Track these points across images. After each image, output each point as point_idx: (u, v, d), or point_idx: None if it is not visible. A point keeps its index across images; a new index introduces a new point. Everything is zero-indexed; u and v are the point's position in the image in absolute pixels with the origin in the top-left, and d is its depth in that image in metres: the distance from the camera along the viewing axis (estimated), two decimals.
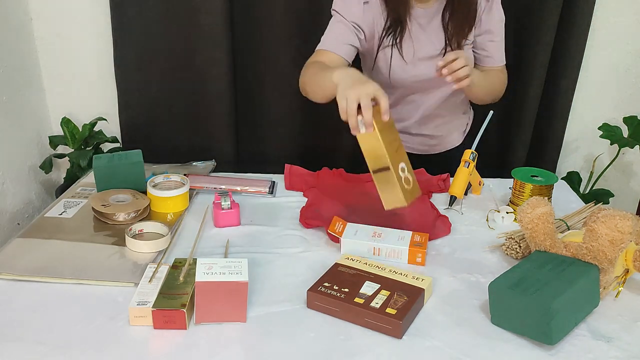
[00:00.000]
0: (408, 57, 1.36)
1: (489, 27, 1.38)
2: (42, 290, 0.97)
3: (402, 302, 0.90)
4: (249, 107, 1.90)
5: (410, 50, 1.36)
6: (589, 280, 0.90)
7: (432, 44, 1.36)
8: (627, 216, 0.89)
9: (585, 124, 2.00)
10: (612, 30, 1.86)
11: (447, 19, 1.34)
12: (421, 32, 1.35)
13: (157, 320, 0.87)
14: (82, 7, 1.82)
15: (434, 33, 1.36)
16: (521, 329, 0.87)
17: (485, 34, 1.40)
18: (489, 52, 1.42)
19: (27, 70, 1.83)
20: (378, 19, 1.34)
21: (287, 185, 1.42)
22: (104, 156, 1.32)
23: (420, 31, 1.35)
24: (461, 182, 1.30)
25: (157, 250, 1.09)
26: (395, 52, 1.36)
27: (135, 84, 1.83)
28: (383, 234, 1.12)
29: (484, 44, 1.41)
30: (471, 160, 1.31)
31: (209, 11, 1.71)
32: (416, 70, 1.38)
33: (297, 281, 1.01)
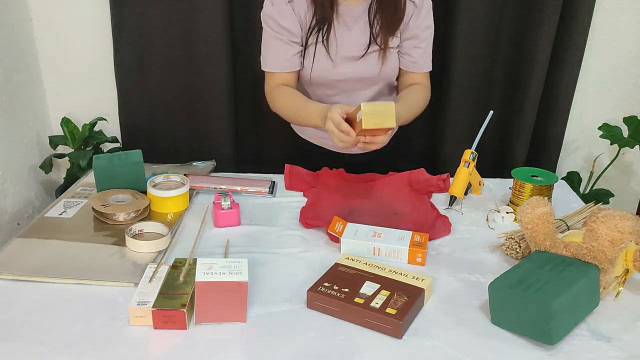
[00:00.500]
0: (332, 55, 1.35)
1: (416, 32, 1.37)
2: (42, 290, 0.97)
3: (402, 302, 0.90)
4: (249, 107, 1.90)
5: (334, 48, 1.34)
6: (589, 280, 0.90)
7: (356, 43, 1.35)
8: (627, 216, 0.89)
9: (585, 124, 2.00)
10: (612, 30, 1.86)
11: (373, 17, 1.33)
12: (346, 31, 1.34)
13: (157, 320, 0.87)
14: (82, 7, 1.82)
15: (359, 31, 1.35)
16: (521, 329, 0.87)
17: (411, 39, 1.38)
18: (414, 58, 1.40)
19: (27, 70, 1.83)
20: (305, 15, 1.33)
21: (287, 185, 1.42)
22: (104, 156, 1.32)
23: (345, 30, 1.34)
24: (461, 182, 1.30)
25: (157, 250, 1.09)
26: (320, 50, 1.34)
27: (135, 84, 1.83)
28: (383, 234, 1.12)
29: (409, 50, 1.40)
30: (471, 160, 1.31)
31: (209, 11, 1.71)
32: (339, 69, 1.36)
33: (297, 281, 1.01)
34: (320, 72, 1.37)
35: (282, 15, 1.32)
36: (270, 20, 1.34)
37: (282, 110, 1.39)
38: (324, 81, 1.39)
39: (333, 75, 1.37)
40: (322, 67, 1.36)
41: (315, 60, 1.35)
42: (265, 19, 1.35)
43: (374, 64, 1.37)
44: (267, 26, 1.36)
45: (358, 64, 1.36)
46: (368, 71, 1.38)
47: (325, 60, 1.36)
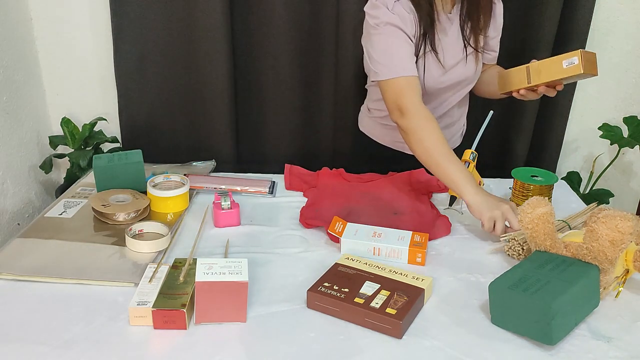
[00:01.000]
0: (443, 62, 1.34)
1: (501, 28, 1.43)
2: (42, 290, 0.97)
3: (402, 302, 0.90)
4: (249, 107, 1.90)
5: (442, 55, 1.34)
6: (589, 280, 0.90)
7: (455, 47, 1.36)
8: (627, 217, 0.89)
9: (585, 124, 2.00)
10: (612, 30, 1.86)
11: (464, 19, 1.35)
12: (445, 37, 1.34)
13: (157, 320, 0.87)
14: (82, 7, 1.82)
15: (454, 37, 1.36)
16: (521, 329, 0.87)
17: (498, 36, 1.44)
18: (497, 51, 1.47)
19: (27, 70, 1.83)
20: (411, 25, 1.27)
21: (287, 185, 1.42)
22: (104, 156, 1.32)
23: (444, 35, 1.34)
24: None
25: (157, 250, 1.09)
26: (430, 59, 1.32)
27: (135, 84, 1.83)
28: (383, 234, 1.12)
29: (494, 45, 1.45)
30: (471, 160, 1.31)
31: (209, 11, 1.71)
32: (448, 75, 1.37)
33: (297, 281, 1.01)
34: (433, 79, 1.34)
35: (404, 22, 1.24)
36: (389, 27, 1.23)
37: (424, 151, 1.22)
38: (435, 89, 1.37)
39: (442, 82, 1.37)
40: (435, 75, 1.34)
41: (427, 69, 1.32)
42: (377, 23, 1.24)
43: (472, 65, 1.39)
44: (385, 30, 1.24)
45: (461, 67, 1.37)
46: (469, 73, 1.39)
47: (436, 69, 1.33)
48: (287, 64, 1.82)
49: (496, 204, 1.14)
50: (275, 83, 1.85)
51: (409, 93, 1.22)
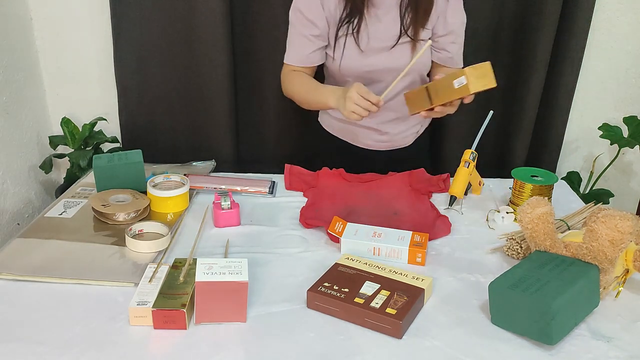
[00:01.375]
0: (362, 46, 1.36)
1: (453, 27, 1.40)
2: (42, 290, 0.97)
3: (402, 302, 0.90)
4: (249, 107, 1.90)
5: (365, 40, 1.36)
6: (589, 280, 0.90)
7: (386, 35, 1.37)
8: (627, 216, 0.89)
9: (585, 124, 2.00)
10: (612, 30, 1.86)
11: (405, 8, 1.35)
12: (377, 22, 1.36)
13: (157, 320, 0.87)
14: (82, 7, 1.81)
15: (390, 23, 1.36)
16: (521, 329, 0.87)
17: (448, 35, 1.41)
18: (451, 53, 1.44)
19: (27, 70, 1.83)
20: (336, 8, 1.35)
21: (287, 185, 1.42)
22: (104, 156, 1.32)
23: (377, 21, 1.36)
24: (461, 182, 1.30)
25: (157, 250, 1.09)
26: (350, 42, 1.36)
27: (135, 84, 1.83)
28: (383, 234, 1.12)
29: (446, 45, 1.42)
30: (471, 160, 1.31)
31: (209, 11, 1.71)
32: (368, 60, 1.38)
33: (297, 281, 1.01)
34: (349, 63, 1.38)
35: (309, 8, 1.35)
36: (297, 13, 1.37)
37: (295, 90, 1.44)
38: (353, 72, 1.40)
39: (363, 66, 1.38)
40: (352, 58, 1.38)
41: (345, 51, 1.37)
42: (293, 11, 1.38)
43: (405, 56, 1.38)
44: (294, 18, 1.39)
45: (388, 55, 1.38)
46: (398, 63, 1.38)
47: (355, 52, 1.37)
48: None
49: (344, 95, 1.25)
50: (276, 83, 1.85)
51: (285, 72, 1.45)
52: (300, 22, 1.37)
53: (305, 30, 1.37)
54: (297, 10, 1.37)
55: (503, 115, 1.91)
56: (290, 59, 1.43)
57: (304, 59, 1.41)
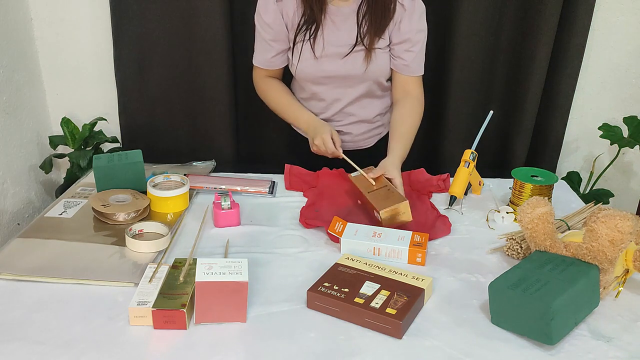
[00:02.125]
0: (317, 53, 1.38)
1: (408, 36, 1.38)
2: (42, 290, 0.97)
3: (402, 302, 0.90)
4: (249, 107, 1.90)
5: (320, 46, 1.38)
6: (589, 280, 0.90)
7: (342, 41, 1.37)
8: (627, 216, 0.89)
9: (585, 124, 2.00)
10: (612, 30, 1.86)
11: (362, 18, 1.36)
12: (334, 29, 1.37)
13: (157, 320, 0.87)
14: (82, 7, 1.82)
15: (346, 31, 1.37)
16: (521, 329, 0.87)
17: (403, 43, 1.39)
18: (407, 61, 1.41)
19: (27, 70, 1.83)
20: (294, 14, 1.37)
21: (287, 185, 1.42)
22: (104, 156, 1.32)
23: (333, 28, 1.37)
24: (461, 182, 1.30)
25: (157, 250, 1.09)
26: (306, 48, 1.38)
27: (135, 84, 1.83)
28: (383, 234, 1.12)
29: (401, 53, 1.41)
30: (471, 160, 1.31)
31: (208, 11, 1.71)
32: (322, 65, 1.39)
33: (297, 281, 1.01)
34: (305, 68, 1.41)
35: (266, 11, 1.37)
36: (258, 17, 1.40)
37: (271, 104, 1.51)
38: (309, 77, 1.43)
39: (318, 72, 1.40)
40: (308, 64, 1.40)
41: (301, 57, 1.39)
42: (256, 15, 1.41)
43: (359, 64, 1.39)
44: (256, 22, 1.42)
45: (342, 62, 1.39)
46: (352, 70, 1.40)
47: (310, 58, 1.39)
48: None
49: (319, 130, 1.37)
50: None
51: (257, 76, 1.51)
52: (261, 26, 1.40)
53: (266, 35, 1.40)
54: (258, 14, 1.40)
55: (503, 115, 1.91)
56: (257, 61, 1.48)
57: (267, 62, 1.45)
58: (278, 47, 1.42)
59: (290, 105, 1.47)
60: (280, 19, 1.37)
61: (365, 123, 1.52)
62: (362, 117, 1.50)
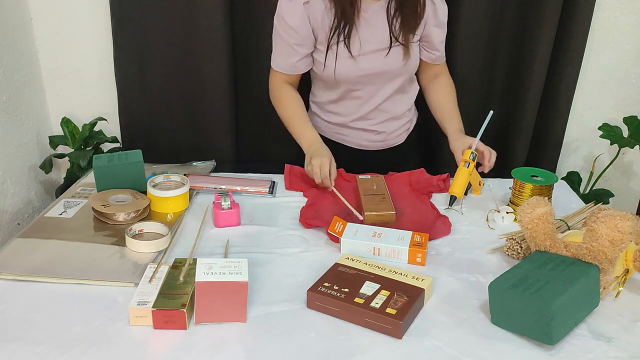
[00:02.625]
0: (354, 52, 1.36)
1: (440, 30, 1.43)
2: (42, 290, 0.97)
3: (402, 302, 0.90)
4: (249, 107, 1.90)
5: (357, 45, 1.36)
6: (589, 280, 0.90)
7: (377, 39, 1.37)
8: (627, 216, 0.89)
9: (585, 124, 2.00)
10: (612, 30, 1.86)
11: (392, 14, 1.36)
12: (367, 27, 1.36)
13: (157, 320, 0.87)
14: (82, 7, 1.81)
15: (379, 27, 1.37)
16: (521, 329, 0.87)
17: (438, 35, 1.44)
18: (440, 52, 1.47)
19: (27, 70, 1.82)
20: (324, 16, 1.34)
21: (287, 185, 1.42)
22: (104, 156, 1.32)
23: (366, 25, 1.36)
24: (461, 182, 1.30)
25: (157, 250, 1.09)
26: (342, 50, 1.36)
27: (135, 84, 1.83)
28: (383, 234, 1.12)
29: (438, 45, 1.45)
30: (471, 160, 1.31)
31: (209, 11, 1.71)
32: (361, 64, 1.38)
33: (297, 281, 1.01)
34: (343, 69, 1.38)
35: (292, 15, 1.33)
36: (280, 19, 1.36)
37: (282, 111, 1.48)
38: (347, 78, 1.40)
39: (356, 70, 1.39)
40: (345, 64, 1.37)
41: (338, 58, 1.37)
42: (277, 18, 1.37)
43: (398, 59, 1.39)
44: (278, 25, 1.38)
45: (381, 58, 1.38)
46: (391, 65, 1.39)
47: (347, 58, 1.37)
48: None
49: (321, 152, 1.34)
50: None
51: (275, 80, 1.47)
52: (285, 30, 1.36)
53: (290, 39, 1.37)
54: (280, 18, 1.36)
55: (503, 115, 1.91)
56: (278, 66, 1.44)
57: (291, 67, 1.42)
58: (303, 51, 1.38)
59: (300, 118, 1.44)
60: (307, 22, 1.34)
61: (396, 120, 1.53)
62: (394, 113, 1.50)
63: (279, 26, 1.37)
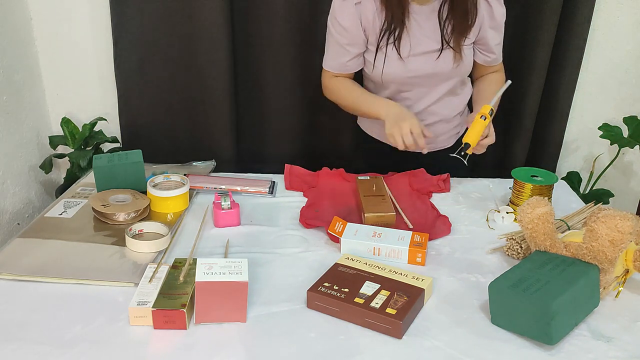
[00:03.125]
0: (404, 54, 1.35)
1: (497, 33, 1.41)
2: (42, 290, 0.97)
3: (402, 302, 0.90)
4: (249, 107, 1.90)
5: (407, 47, 1.35)
6: (589, 280, 0.90)
7: (428, 40, 1.36)
8: (627, 216, 0.89)
9: (585, 124, 2.00)
10: (612, 30, 1.86)
11: (444, 17, 1.34)
12: (418, 29, 1.35)
13: (157, 320, 0.87)
14: (82, 7, 1.82)
15: (430, 30, 1.35)
16: (521, 329, 0.87)
17: (495, 38, 1.42)
18: (497, 54, 1.46)
19: (27, 70, 1.83)
20: (374, 17, 1.33)
21: (287, 185, 1.42)
22: (104, 156, 1.32)
23: (417, 27, 1.35)
24: (477, 132, 1.26)
25: (157, 250, 1.09)
26: (391, 51, 1.35)
27: (135, 84, 1.83)
28: (383, 234, 1.12)
29: (494, 48, 1.43)
30: (488, 115, 1.27)
31: (208, 11, 1.71)
32: (410, 66, 1.37)
33: (297, 281, 1.01)
34: (392, 70, 1.37)
35: (344, 15, 1.34)
36: (333, 20, 1.36)
37: (341, 97, 1.46)
38: (395, 79, 1.40)
39: (405, 72, 1.38)
40: (394, 65, 1.37)
41: (387, 61, 1.36)
42: (330, 19, 1.38)
43: (449, 62, 1.38)
44: (331, 26, 1.38)
45: (432, 61, 1.37)
46: (442, 68, 1.38)
47: (396, 60, 1.36)
48: (288, 63, 1.82)
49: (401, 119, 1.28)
50: (276, 83, 1.85)
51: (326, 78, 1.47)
52: (337, 30, 1.36)
53: (342, 39, 1.36)
54: (333, 18, 1.36)
55: (503, 115, 1.91)
56: (329, 66, 1.44)
57: (341, 67, 1.42)
58: (354, 51, 1.38)
59: (363, 94, 1.41)
60: (358, 22, 1.34)
61: (444, 123, 1.51)
62: (443, 115, 1.49)
63: (331, 27, 1.38)
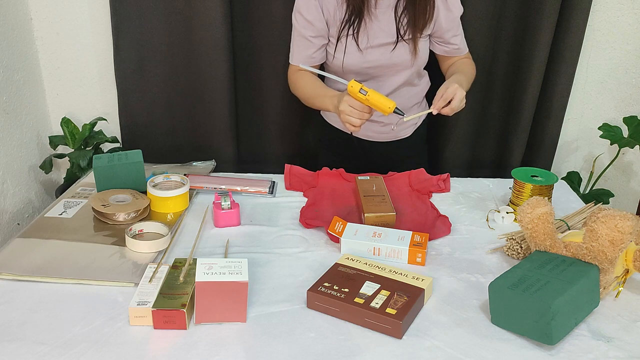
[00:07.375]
0: (362, 45, 1.40)
1: (453, 25, 1.45)
2: (42, 290, 0.97)
3: (402, 302, 0.90)
4: (249, 107, 1.90)
5: (365, 39, 1.40)
6: (589, 280, 0.90)
7: (384, 33, 1.40)
8: (627, 216, 0.89)
9: (585, 124, 2.00)
10: (612, 30, 1.86)
11: (400, 12, 1.38)
12: (375, 22, 1.39)
13: (157, 320, 0.87)
14: (82, 7, 1.81)
15: (386, 23, 1.40)
16: (521, 329, 0.87)
17: (450, 30, 1.45)
18: (457, 44, 1.49)
19: (27, 70, 1.83)
20: (336, 10, 1.39)
21: (287, 185, 1.42)
22: (104, 156, 1.32)
23: (375, 21, 1.39)
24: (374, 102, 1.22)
25: (157, 250, 1.09)
26: (351, 43, 1.40)
27: (136, 84, 1.83)
28: (383, 234, 1.12)
29: (450, 39, 1.47)
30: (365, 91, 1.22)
31: (209, 11, 1.71)
32: (368, 57, 1.41)
33: (297, 281, 1.01)
34: (351, 61, 1.42)
35: (307, 9, 1.39)
36: (297, 14, 1.42)
37: (299, 92, 1.49)
38: (354, 69, 1.44)
39: (363, 63, 1.42)
40: (353, 57, 1.41)
41: (346, 51, 1.41)
42: (294, 13, 1.43)
43: (404, 54, 1.42)
44: (295, 20, 1.43)
45: (387, 53, 1.41)
46: (398, 59, 1.42)
47: (355, 52, 1.41)
48: (288, 63, 1.82)
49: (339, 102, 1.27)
50: (276, 83, 1.85)
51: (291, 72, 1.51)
52: (301, 24, 1.41)
53: (306, 32, 1.41)
54: (297, 12, 1.41)
55: (501, 115, 1.91)
56: (294, 60, 1.48)
57: (306, 59, 1.46)
58: (318, 42, 1.43)
59: (317, 87, 1.44)
60: (321, 15, 1.39)
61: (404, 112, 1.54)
62: (402, 105, 1.51)
63: (296, 22, 1.43)
